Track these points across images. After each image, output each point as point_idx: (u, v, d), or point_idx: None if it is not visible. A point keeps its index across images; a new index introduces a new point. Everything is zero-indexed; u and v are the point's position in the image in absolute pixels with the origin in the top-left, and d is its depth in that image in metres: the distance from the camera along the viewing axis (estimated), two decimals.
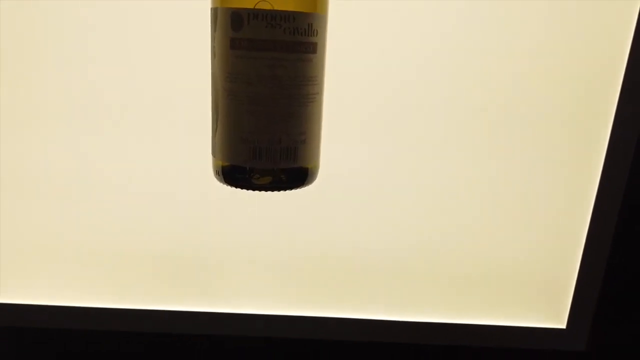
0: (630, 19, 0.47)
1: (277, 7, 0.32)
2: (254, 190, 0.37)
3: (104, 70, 0.49)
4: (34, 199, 0.53)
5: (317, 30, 0.34)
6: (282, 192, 0.38)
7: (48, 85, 0.49)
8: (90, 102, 0.50)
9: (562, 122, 0.50)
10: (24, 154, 0.52)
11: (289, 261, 0.55)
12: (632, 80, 0.48)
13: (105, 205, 0.53)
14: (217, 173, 0.38)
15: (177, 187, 0.52)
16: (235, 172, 0.37)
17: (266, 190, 0.37)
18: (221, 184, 0.38)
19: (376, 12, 0.47)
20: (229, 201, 0.53)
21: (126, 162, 0.52)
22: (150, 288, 0.57)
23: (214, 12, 0.34)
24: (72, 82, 0.49)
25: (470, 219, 0.53)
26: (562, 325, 0.57)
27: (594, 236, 0.53)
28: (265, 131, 0.34)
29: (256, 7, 0.32)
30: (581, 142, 0.51)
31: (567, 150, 0.51)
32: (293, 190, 0.38)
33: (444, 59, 0.48)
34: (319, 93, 0.36)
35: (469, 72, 0.48)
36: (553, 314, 0.57)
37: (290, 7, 0.32)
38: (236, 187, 0.37)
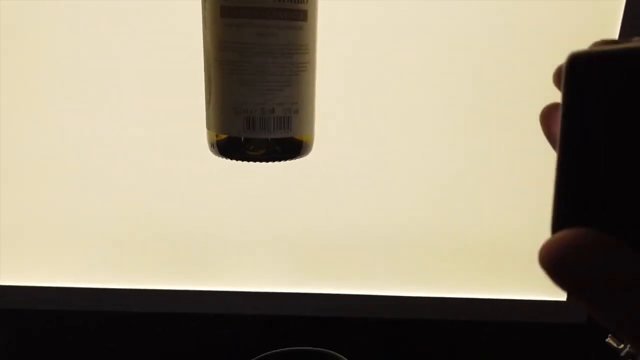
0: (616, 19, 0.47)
1: None
2: (248, 161, 0.37)
3: (97, 46, 0.49)
4: (27, 182, 0.54)
5: None
6: (276, 163, 0.38)
7: (41, 66, 0.50)
8: (84, 78, 0.50)
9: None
10: (16, 137, 0.52)
11: (286, 237, 0.56)
12: None
13: (100, 184, 0.54)
14: (212, 145, 0.38)
15: (172, 163, 0.53)
16: (230, 144, 0.37)
17: (261, 161, 0.37)
18: (216, 156, 0.38)
19: None
20: (224, 176, 0.53)
21: (120, 139, 0.52)
22: (146, 267, 0.57)
23: None
24: (61, 57, 0.49)
25: (468, 192, 0.53)
26: (562, 297, 0.57)
27: None
28: (258, 101, 0.34)
29: None
30: None
31: None
32: (288, 161, 0.38)
33: (446, 36, 0.48)
34: (310, 62, 0.36)
35: (469, 56, 0.48)
36: (553, 286, 0.57)
37: None
38: (231, 158, 0.37)
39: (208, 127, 0.38)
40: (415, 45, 0.49)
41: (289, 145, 0.37)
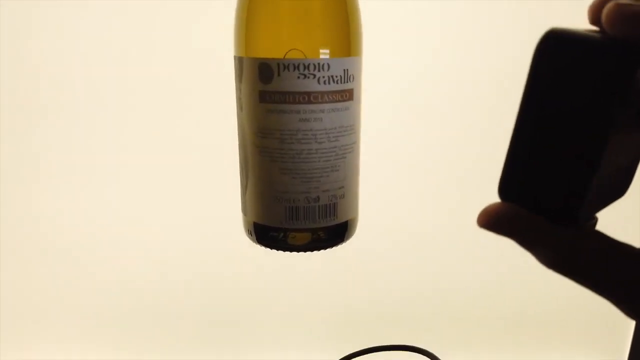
0: None
1: (309, 55, 0.29)
2: (290, 251, 0.34)
3: (129, 124, 0.46)
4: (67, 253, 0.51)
5: (353, 75, 0.31)
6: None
7: (76, 138, 0.47)
8: (118, 158, 0.47)
9: None
10: (48, 204, 0.49)
11: (324, 316, 0.52)
12: None
13: (135, 264, 0.51)
14: (249, 232, 0.35)
15: (205, 245, 0.50)
16: (270, 232, 0.33)
17: (304, 251, 0.34)
18: (253, 242, 0.35)
19: (404, 47, 0.44)
20: (260, 258, 0.50)
21: (151, 218, 0.49)
22: (179, 347, 0.54)
23: (239, 61, 0.30)
24: (97, 134, 0.47)
25: (524, 258, 0.49)
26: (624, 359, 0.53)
27: None
28: (302, 189, 0.31)
29: (286, 56, 0.29)
30: None
31: None
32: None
33: (477, 90, 0.45)
34: (355, 142, 0.33)
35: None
36: (613, 348, 0.53)
37: (324, 53, 0.29)
38: (270, 247, 0.34)
39: (244, 213, 0.34)
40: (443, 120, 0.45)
41: (334, 231, 0.34)
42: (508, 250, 0.18)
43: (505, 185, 0.18)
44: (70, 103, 0.46)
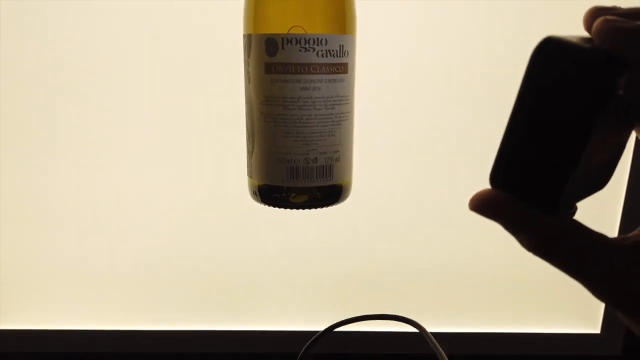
0: None
1: (309, 31, 0.33)
2: (290, 208, 0.38)
3: (139, 97, 0.50)
4: (72, 225, 0.55)
5: (347, 51, 0.35)
6: (317, 209, 0.39)
7: (87, 107, 0.51)
8: (128, 128, 0.51)
9: None
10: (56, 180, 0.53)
11: (323, 278, 0.56)
12: None
13: (143, 227, 0.55)
14: (254, 193, 0.39)
15: (212, 208, 0.54)
16: (273, 192, 0.37)
17: (303, 209, 0.38)
18: (258, 203, 0.39)
19: (401, 30, 0.48)
20: (264, 221, 0.54)
21: (164, 186, 0.53)
22: (184, 308, 0.58)
23: (248, 38, 0.35)
24: (107, 98, 0.51)
25: (499, 232, 0.53)
26: (597, 330, 0.57)
27: None
28: (302, 151, 0.35)
29: (290, 32, 0.33)
30: None
31: None
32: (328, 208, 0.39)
33: (466, 74, 0.49)
34: (350, 112, 0.37)
35: (495, 91, 0.49)
36: (587, 318, 0.57)
37: (322, 30, 0.34)
38: (273, 206, 0.38)
39: (250, 176, 0.39)
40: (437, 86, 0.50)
41: (330, 192, 0.38)
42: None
43: (496, 174, 0.20)
44: (80, 81, 0.51)
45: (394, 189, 0.53)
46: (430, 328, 0.57)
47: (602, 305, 0.56)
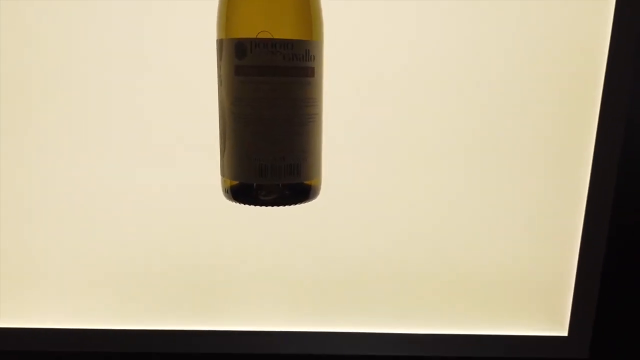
0: (604, 35, 0.50)
1: (276, 36, 0.35)
2: (260, 205, 0.40)
3: (118, 94, 0.52)
4: (42, 219, 0.56)
5: (314, 56, 0.37)
6: (286, 207, 0.40)
7: (61, 107, 0.53)
8: (103, 125, 0.53)
9: (550, 133, 0.53)
10: (31, 172, 0.55)
11: (294, 277, 0.57)
12: (612, 82, 0.51)
13: (117, 225, 0.56)
14: (225, 191, 0.40)
15: (186, 206, 0.55)
16: (243, 190, 0.39)
17: (272, 206, 0.40)
18: (230, 201, 0.41)
19: (369, 34, 0.50)
20: (237, 219, 0.56)
21: (140, 184, 0.54)
22: (157, 307, 0.58)
23: (220, 43, 0.37)
24: (84, 97, 0.53)
25: (467, 229, 0.55)
26: (564, 332, 0.58)
27: (588, 242, 0.55)
28: (270, 150, 0.37)
29: (258, 36, 0.35)
30: (567, 158, 0.53)
31: (556, 159, 0.53)
32: (296, 206, 0.41)
33: (440, 71, 0.51)
34: (317, 114, 0.39)
35: (467, 84, 0.51)
36: (554, 321, 0.58)
37: (288, 35, 0.36)
38: (244, 203, 0.40)
39: (222, 174, 0.40)
40: (422, 83, 0.52)
41: (298, 190, 0.40)
42: (471, 217, 0.21)
43: None
44: (68, 84, 0.52)
45: (376, 187, 0.54)
46: (395, 329, 0.59)
47: (570, 308, 0.58)
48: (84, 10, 0.50)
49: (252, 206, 0.40)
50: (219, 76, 0.38)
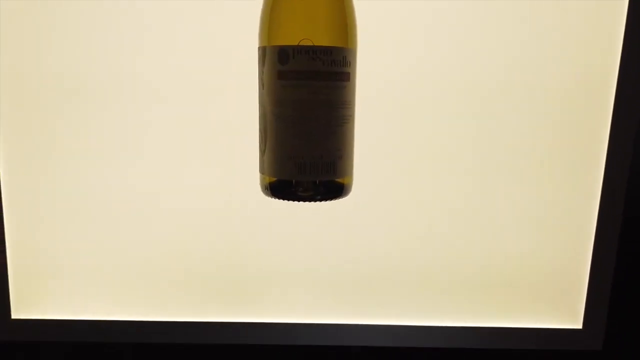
0: (617, 37, 0.53)
1: (317, 43, 0.38)
2: (297, 201, 0.42)
3: (159, 99, 0.55)
4: (86, 219, 0.59)
5: (350, 62, 0.40)
6: (322, 202, 0.43)
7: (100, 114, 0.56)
8: (144, 126, 0.56)
9: (566, 129, 0.55)
10: (68, 177, 0.58)
11: (324, 271, 0.60)
12: (626, 83, 0.54)
13: (156, 221, 0.59)
14: (265, 188, 0.43)
15: (225, 203, 0.58)
16: (282, 186, 0.42)
17: (308, 201, 0.42)
18: (268, 197, 0.44)
19: (399, 41, 0.53)
20: (273, 216, 0.58)
21: (179, 182, 0.57)
22: (199, 301, 0.61)
23: (262, 50, 0.40)
24: (115, 100, 0.56)
25: (485, 226, 0.58)
26: (579, 325, 0.61)
27: (601, 236, 0.57)
28: (309, 148, 0.40)
29: (300, 43, 0.38)
30: (581, 153, 0.56)
31: (570, 157, 0.56)
32: (332, 202, 0.44)
33: (458, 77, 0.54)
34: (352, 115, 0.42)
35: (485, 92, 0.54)
36: (569, 314, 0.61)
37: (327, 42, 0.39)
38: (282, 199, 0.43)
39: (261, 172, 0.43)
40: (438, 90, 0.55)
41: (333, 187, 0.42)
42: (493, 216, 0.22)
43: None
44: (95, 89, 0.55)
45: (398, 189, 0.57)
46: (416, 321, 0.61)
47: (584, 301, 0.60)
48: (121, 20, 0.53)
49: (289, 201, 0.43)
50: (261, 80, 0.41)
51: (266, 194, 0.44)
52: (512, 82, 0.54)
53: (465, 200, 0.57)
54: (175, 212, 0.58)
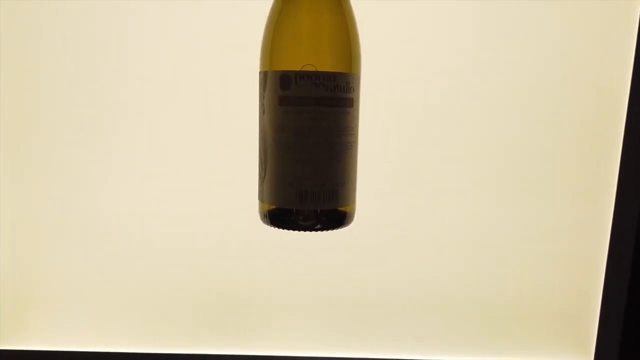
0: (629, 54, 0.52)
1: (320, 69, 0.37)
2: (298, 230, 0.41)
3: (157, 124, 0.54)
4: (80, 243, 0.57)
5: (353, 87, 0.39)
6: (322, 232, 0.41)
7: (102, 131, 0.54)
8: (139, 151, 0.55)
9: (575, 162, 0.54)
10: (67, 199, 0.56)
11: (325, 302, 0.58)
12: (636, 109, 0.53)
13: (154, 249, 0.57)
14: (264, 216, 0.42)
15: (222, 232, 0.56)
16: (282, 215, 0.40)
17: (309, 231, 0.41)
18: (267, 226, 0.42)
19: (402, 66, 0.52)
20: (271, 245, 0.57)
21: (173, 210, 0.56)
22: (193, 332, 0.59)
23: (264, 75, 0.39)
24: (126, 122, 0.54)
25: (494, 257, 0.56)
26: (590, 358, 0.58)
27: (613, 270, 0.56)
28: (310, 176, 0.39)
29: (302, 69, 0.37)
30: (593, 181, 0.55)
31: (580, 189, 0.55)
32: (332, 231, 0.42)
33: (469, 100, 0.53)
34: (355, 142, 0.41)
35: (491, 119, 0.53)
36: (580, 348, 0.58)
37: (330, 68, 0.37)
38: (282, 228, 0.41)
39: (261, 200, 0.42)
40: (446, 114, 0.53)
41: (335, 217, 0.41)
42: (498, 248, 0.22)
43: None
44: (96, 109, 0.54)
45: (398, 214, 0.56)
46: (423, 355, 0.59)
47: (595, 335, 0.58)
48: (122, 37, 0.52)
49: (289, 231, 0.41)
50: (262, 105, 0.40)
51: (265, 222, 0.42)
52: (520, 120, 0.53)
53: (475, 235, 0.56)
54: (168, 240, 0.57)
